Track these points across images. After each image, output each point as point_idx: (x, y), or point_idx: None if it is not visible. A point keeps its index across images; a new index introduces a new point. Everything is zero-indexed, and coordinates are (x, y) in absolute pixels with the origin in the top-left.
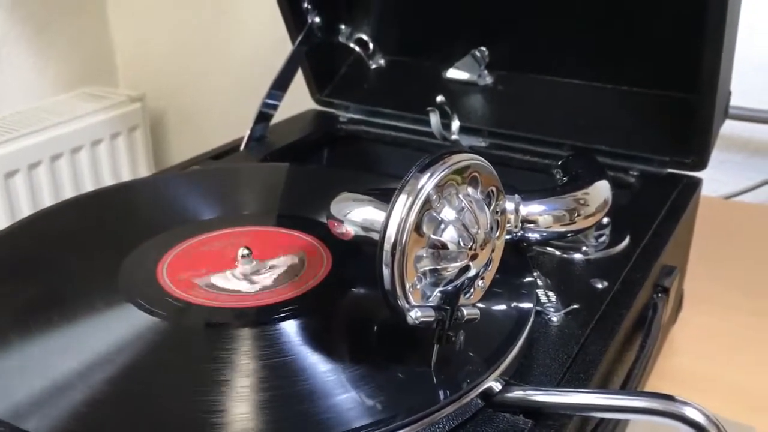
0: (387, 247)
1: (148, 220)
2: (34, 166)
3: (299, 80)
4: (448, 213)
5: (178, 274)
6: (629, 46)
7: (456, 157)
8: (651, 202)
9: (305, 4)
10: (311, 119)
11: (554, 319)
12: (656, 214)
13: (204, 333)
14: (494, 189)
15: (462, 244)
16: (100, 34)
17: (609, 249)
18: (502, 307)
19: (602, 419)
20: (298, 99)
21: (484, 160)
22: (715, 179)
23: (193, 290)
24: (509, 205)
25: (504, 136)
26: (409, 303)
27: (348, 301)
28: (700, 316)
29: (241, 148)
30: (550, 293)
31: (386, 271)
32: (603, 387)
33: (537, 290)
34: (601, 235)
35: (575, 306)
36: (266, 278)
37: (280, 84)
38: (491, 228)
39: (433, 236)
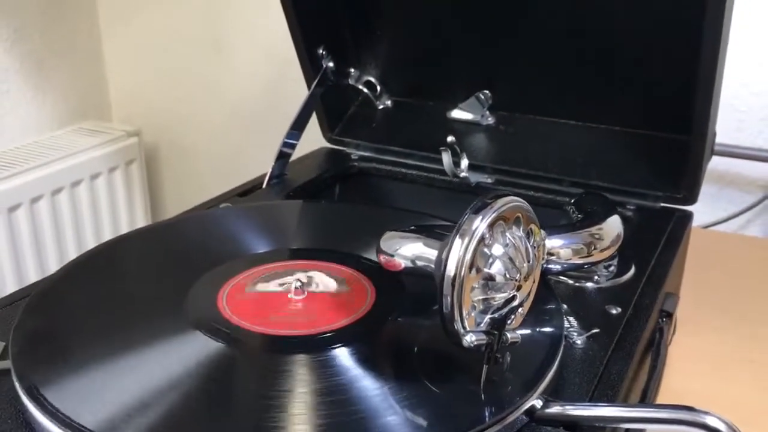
0: (447, 280)
1: (208, 252)
2: (36, 200)
3: (314, 123)
4: (497, 249)
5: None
6: (624, 89)
7: (502, 201)
8: (649, 235)
9: (320, 51)
10: (324, 157)
11: (578, 342)
12: (656, 245)
13: (264, 359)
14: (533, 227)
15: (508, 276)
16: (96, 70)
17: (617, 278)
18: (537, 331)
19: (628, 430)
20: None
21: (525, 202)
22: (693, 209)
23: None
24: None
25: (507, 172)
26: (464, 328)
27: (397, 327)
28: (691, 337)
29: (264, 185)
30: (571, 318)
31: (446, 301)
32: (627, 402)
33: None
34: (610, 265)
35: (596, 330)
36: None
37: (298, 124)
38: (531, 261)
39: (484, 270)
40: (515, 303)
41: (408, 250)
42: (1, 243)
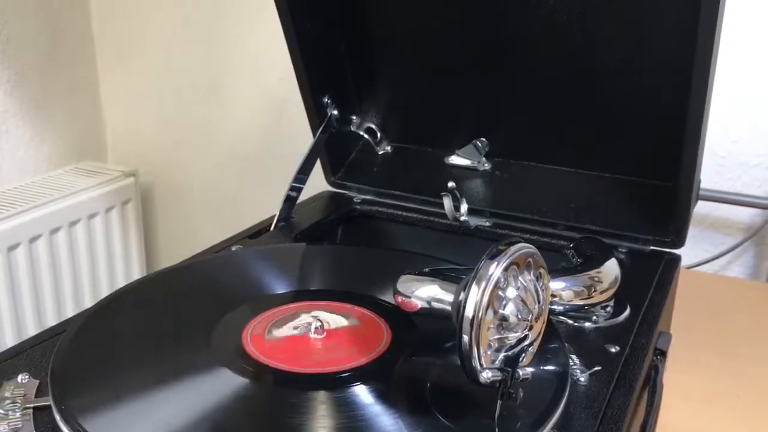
0: (467, 321)
1: (233, 291)
2: (34, 239)
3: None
4: (510, 292)
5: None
6: (615, 138)
7: (515, 247)
8: (641, 276)
9: (326, 99)
10: (328, 200)
11: (582, 378)
12: (648, 286)
13: (287, 395)
14: (542, 271)
15: (520, 317)
16: (93, 112)
17: (614, 318)
18: (545, 368)
19: None
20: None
21: (534, 248)
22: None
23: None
24: None
25: (505, 216)
26: (482, 365)
27: (412, 365)
28: (680, 374)
29: (272, 227)
30: (573, 356)
31: (465, 340)
32: None
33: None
34: (607, 306)
35: (598, 368)
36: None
37: (305, 169)
38: (541, 303)
39: (499, 311)
40: (527, 342)
41: (424, 292)
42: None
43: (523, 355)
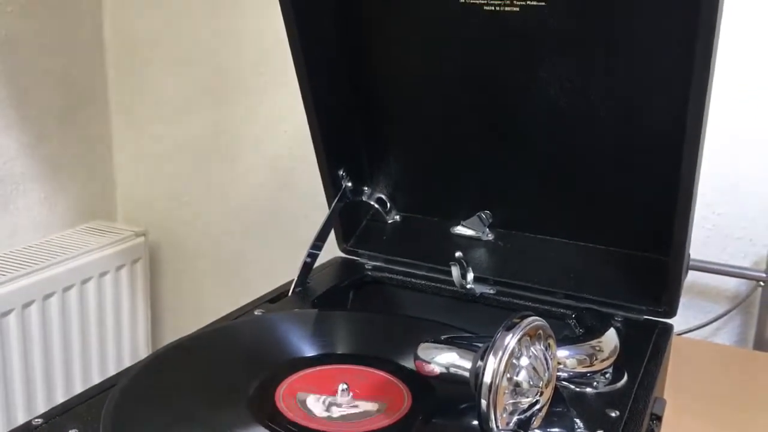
0: (485, 387)
1: (264, 353)
2: (48, 297)
3: (312, 233)
4: (523, 360)
5: (293, 401)
6: (610, 214)
7: (528, 320)
8: (637, 345)
9: (341, 172)
10: (340, 267)
11: None
12: (643, 354)
13: None
14: (551, 341)
15: (532, 383)
16: (106, 174)
17: (613, 384)
18: (552, 430)
19: None
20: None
21: (544, 321)
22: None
23: (308, 418)
24: None
25: (507, 284)
26: (498, 427)
27: (434, 427)
28: None
29: (290, 293)
30: (578, 420)
31: (484, 404)
32: None
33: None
34: (606, 373)
35: (601, 431)
36: (363, 405)
37: (321, 237)
38: (550, 370)
39: (514, 378)
40: (537, 406)
41: (443, 359)
42: (13, 339)
43: (534, 418)
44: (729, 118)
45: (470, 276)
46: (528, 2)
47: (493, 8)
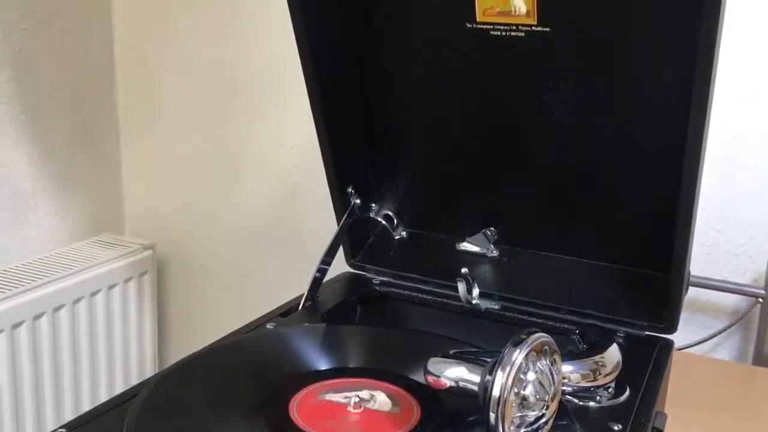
0: (494, 400)
1: (278, 365)
2: (58, 309)
3: (318, 247)
4: (530, 375)
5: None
6: (613, 231)
7: (534, 336)
8: (638, 360)
9: (350, 189)
10: (348, 282)
11: None
12: (645, 369)
13: None
14: (556, 357)
15: (538, 397)
16: (114, 187)
17: (615, 398)
18: None
19: None
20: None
21: (550, 337)
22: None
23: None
24: None
25: (512, 300)
26: None
27: None
28: None
29: (300, 307)
30: None
31: (492, 417)
32: None
33: None
34: (608, 387)
35: None
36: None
37: (330, 252)
38: (556, 385)
39: (521, 392)
40: (543, 420)
41: (452, 373)
42: (24, 350)
43: (540, 431)
44: (729, 136)
45: (476, 291)
46: (533, 28)
47: (499, 33)
